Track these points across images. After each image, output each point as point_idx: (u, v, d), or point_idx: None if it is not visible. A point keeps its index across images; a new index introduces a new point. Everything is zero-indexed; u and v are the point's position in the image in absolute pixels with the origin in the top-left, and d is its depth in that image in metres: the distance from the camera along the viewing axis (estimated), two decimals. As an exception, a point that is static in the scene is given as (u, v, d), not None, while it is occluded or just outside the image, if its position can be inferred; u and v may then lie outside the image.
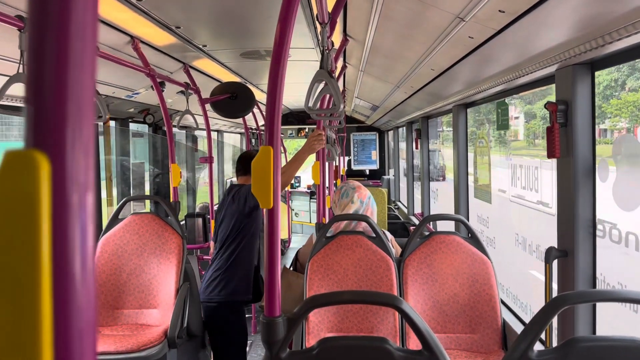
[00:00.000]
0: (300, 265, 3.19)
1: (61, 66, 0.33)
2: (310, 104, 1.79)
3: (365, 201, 2.93)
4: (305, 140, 3.14)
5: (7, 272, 0.32)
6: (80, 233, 0.33)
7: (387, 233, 3.03)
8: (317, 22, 2.58)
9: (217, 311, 3.17)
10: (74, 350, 0.34)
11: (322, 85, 1.83)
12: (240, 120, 6.15)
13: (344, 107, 6.77)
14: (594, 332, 2.09)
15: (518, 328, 2.70)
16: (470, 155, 3.93)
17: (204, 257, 4.44)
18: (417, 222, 6.07)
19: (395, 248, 2.91)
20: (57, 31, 0.33)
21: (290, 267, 3.24)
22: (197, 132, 6.75)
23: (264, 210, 1.38)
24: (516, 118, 3.64)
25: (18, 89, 2.11)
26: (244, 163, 3.49)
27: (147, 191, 5.63)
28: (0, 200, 0.32)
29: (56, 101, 0.32)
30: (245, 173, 3.48)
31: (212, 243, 3.60)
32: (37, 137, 0.32)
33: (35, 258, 0.31)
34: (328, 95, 2.30)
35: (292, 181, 10.01)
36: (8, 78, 2.03)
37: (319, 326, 2.60)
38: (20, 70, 2.01)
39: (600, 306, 2.09)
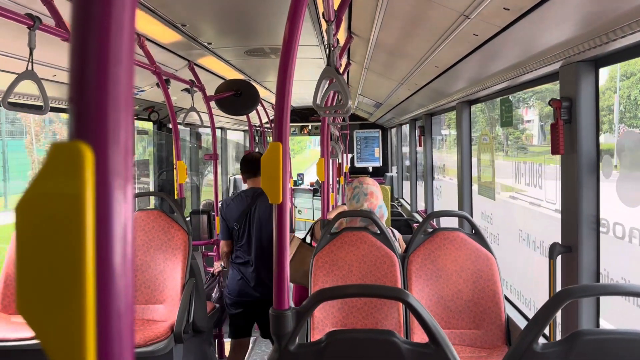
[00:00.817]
0: (315, 239, 3.26)
1: (102, 64, 0.35)
2: (318, 101, 1.81)
3: (377, 210, 2.93)
4: (307, 137, 3.24)
5: (53, 257, 0.34)
6: (121, 221, 0.35)
7: (395, 232, 3.04)
8: (322, 20, 2.60)
9: None
10: (113, 332, 0.36)
11: (328, 83, 1.84)
12: (243, 117, 6.18)
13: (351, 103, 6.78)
14: (598, 326, 2.10)
15: (522, 324, 2.72)
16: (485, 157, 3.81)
17: (209, 253, 4.46)
18: (420, 219, 6.09)
19: (401, 246, 2.93)
20: (98, 32, 0.35)
21: (305, 237, 3.33)
22: (200, 130, 6.78)
23: (274, 205, 1.40)
24: (528, 121, 3.41)
25: (24, 87, 2.13)
26: (249, 166, 3.55)
27: (151, 188, 5.66)
28: (47, 190, 0.34)
29: (98, 97, 0.35)
30: (255, 175, 3.53)
31: (227, 242, 3.53)
32: (81, 130, 0.34)
33: (80, 245, 0.34)
34: (332, 92, 2.32)
35: (296, 178, 10.04)
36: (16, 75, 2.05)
37: (323, 321, 2.62)
38: (29, 68, 2.02)
39: (604, 301, 2.11)
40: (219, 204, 4.55)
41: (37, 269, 0.34)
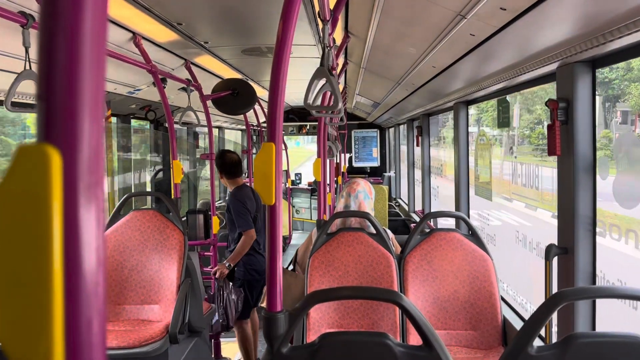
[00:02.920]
0: (299, 265, 3.22)
1: (72, 63, 0.34)
2: (310, 101, 1.79)
3: (354, 195, 2.93)
4: (305, 136, 3.30)
5: (20, 262, 0.33)
6: (90, 225, 0.34)
7: (389, 231, 3.03)
8: (318, 19, 2.59)
9: None
10: (83, 339, 0.34)
11: (322, 82, 1.83)
12: (241, 116, 6.16)
13: (344, 104, 6.78)
14: (594, 329, 2.09)
15: (518, 325, 2.71)
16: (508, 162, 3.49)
17: (205, 253, 4.44)
18: (417, 219, 6.08)
19: (395, 247, 2.91)
20: (67, 29, 0.34)
21: (289, 265, 3.29)
22: (198, 129, 6.76)
23: (266, 206, 1.39)
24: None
25: (24, 86, 2.11)
26: (230, 168, 3.89)
27: (147, 187, 5.65)
28: (13, 193, 0.33)
29: (67, 97, 0.33)
30: (236, 176, 3.89)
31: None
32: (49, 131, 0.33)
33: (47, 249, 0.32)
34: (329, 92, 2.30)
35: (294, 177, 10.03)
36: (16, 75, 2.03)
37: (319, 322, 2.61)
38: (27, 67, 2.01)
39: (600, 304, 2.10)
40: (216, 203, 4.54)
41: (2, 273, 0.33)
